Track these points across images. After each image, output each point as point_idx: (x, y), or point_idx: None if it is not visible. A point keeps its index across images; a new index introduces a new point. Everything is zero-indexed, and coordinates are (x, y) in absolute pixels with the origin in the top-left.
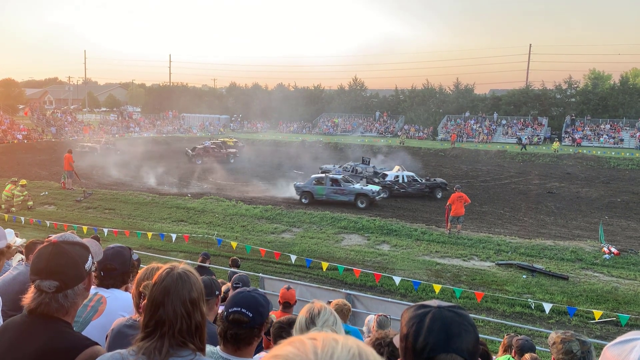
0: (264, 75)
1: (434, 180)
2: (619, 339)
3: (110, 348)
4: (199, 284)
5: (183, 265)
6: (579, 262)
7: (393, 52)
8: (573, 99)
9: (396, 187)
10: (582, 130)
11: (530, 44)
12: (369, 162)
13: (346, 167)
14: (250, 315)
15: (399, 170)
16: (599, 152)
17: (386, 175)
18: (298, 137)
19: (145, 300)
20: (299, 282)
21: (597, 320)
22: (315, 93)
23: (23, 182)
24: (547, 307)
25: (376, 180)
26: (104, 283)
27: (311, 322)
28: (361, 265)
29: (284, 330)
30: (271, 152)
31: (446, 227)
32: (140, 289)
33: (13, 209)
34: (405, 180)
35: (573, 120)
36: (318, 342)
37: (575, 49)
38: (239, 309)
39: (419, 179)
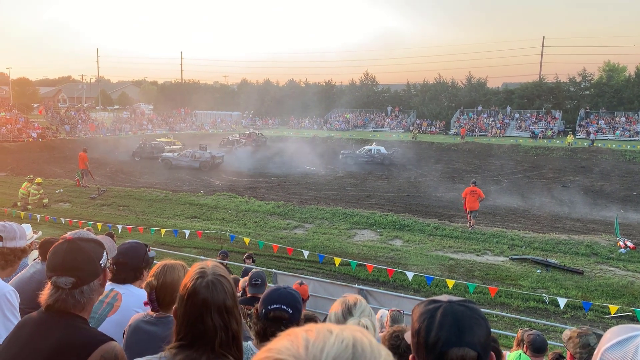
0: (275, 72)
1: None
2: (615, 338)
3: (127, 343)
4: (231, 287)
5: (211, 265)
6: (594, 257)
7: (404, 46)
8: (587, 92)
9: None
10: (597, 124)
11: (544, 37)
12: (206, 148)
13: (185, 154)
14: (290, 311)
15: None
16: (614, 146)
17: None
18: (309, 133)
19: (176, 307)
20: (311, 277)
21: (612, 315)
22: (327, 88)
23: (39, 180)
24: (562, 302)
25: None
26: (116, 277)
27: (348, 312)
28: (374, 261)
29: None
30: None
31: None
32: (143, 285)
33: (29, 206)
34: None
35: (587, 113)
36: (311, 334)
37: (589, 41)
38: (280, 305)
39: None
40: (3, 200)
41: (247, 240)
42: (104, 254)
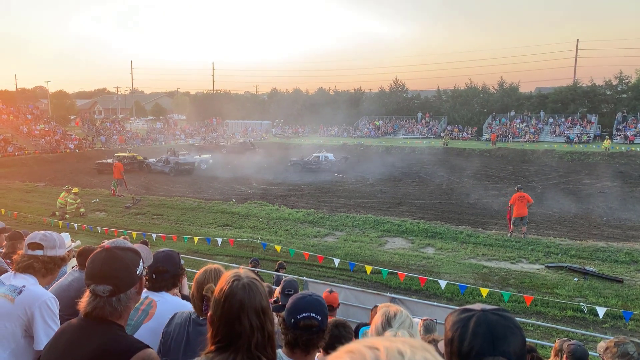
0: (304, 80)
1: None
2: None
3: (175, 339)
4: (264, 290)
5: (243, 271)
6: (635, 264)
7: (434, 52)
8: (624, 95)
9: None
10: (635, 127)
11: (578, 40)
12: (178, 154)
13: (160, 159)
14: (319, 318)
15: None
16: None
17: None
18: (339, 140)
19: (211, 313)
20: (342, 285)
21: None
22: (356, 96)
23: (76, 190)
24: (601, 311)
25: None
26: (156, 286)
27: (387, 324)
28: (405, 269)
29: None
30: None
31: (509, 229)
32: (204, 292)
33: (67, 216)
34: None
35: (625, 117)
36: (381, 354)
37: (625, 43)
38: (309, 313)
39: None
40: (42, 209)
41: (278, 248)
42: (141, 263)
